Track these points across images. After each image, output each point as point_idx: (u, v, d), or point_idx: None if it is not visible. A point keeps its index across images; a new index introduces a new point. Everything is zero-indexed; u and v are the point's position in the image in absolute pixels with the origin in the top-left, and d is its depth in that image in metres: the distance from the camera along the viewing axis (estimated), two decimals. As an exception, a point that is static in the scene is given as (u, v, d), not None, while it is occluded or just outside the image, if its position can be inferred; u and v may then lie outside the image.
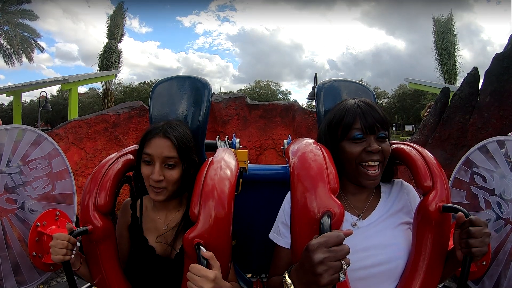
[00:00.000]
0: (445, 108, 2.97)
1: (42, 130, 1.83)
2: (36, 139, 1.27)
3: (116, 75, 14.67)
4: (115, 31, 15.37)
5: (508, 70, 2.58)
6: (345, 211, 0.84)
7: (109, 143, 3.63)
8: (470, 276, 0.91)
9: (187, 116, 1.20)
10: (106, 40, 15.25)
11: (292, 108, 3.88)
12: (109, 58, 14.78)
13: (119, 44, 15.36)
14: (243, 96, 4.03)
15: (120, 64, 15.29)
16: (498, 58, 2.65)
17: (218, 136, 1.58)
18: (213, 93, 4.20)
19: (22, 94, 11.72)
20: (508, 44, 2.63)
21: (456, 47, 14.07)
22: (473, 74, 2.89)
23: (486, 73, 2.73)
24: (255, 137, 3.91)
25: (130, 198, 1.14)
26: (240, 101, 3.93)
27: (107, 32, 15.53)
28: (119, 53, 15.25)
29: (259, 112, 3.92)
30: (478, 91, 2.79)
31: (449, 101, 3.00)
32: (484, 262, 1.05)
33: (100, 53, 15.03)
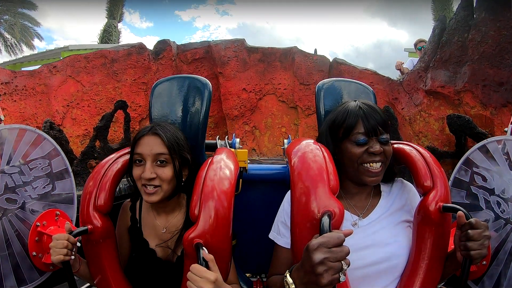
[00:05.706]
0: (443, 33, 3.06)
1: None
2: (36, 139, 1.27)
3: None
4: (114, 11, 15.39)
5: (499, -15, 2.65)
6: (345, 211, 0.84)
7: (107, 78, 3.60)
8: (470, 276, 0.91)
9: (187, 116, 1.20)
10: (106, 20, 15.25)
11: (291, 51, 3.86)
12: (109, 37, 14.74)
13: (118, 24, 15.38)
14: (242, 39, 4.00)
15: (119, 43, 15.26)
16: (489, -24, 2.73)
17: (218, 136, 1.58)
18: (213, 40, 4.18)
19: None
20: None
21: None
22: (467, -1, 2.97)
23: (479, -9, 2.81)
24: (254, 81, 3.87)
25: (129, 200, 1.13)
26: (239, 44, 3.91)
27: (106, 12, 15.52)
28: (118, 33, 15.25)
29: (258, 55, 3.88)
30: (473, 13, 2.88)
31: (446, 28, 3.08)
32: (484, 262, 1.05)
33: (100, 32, 14.98)
